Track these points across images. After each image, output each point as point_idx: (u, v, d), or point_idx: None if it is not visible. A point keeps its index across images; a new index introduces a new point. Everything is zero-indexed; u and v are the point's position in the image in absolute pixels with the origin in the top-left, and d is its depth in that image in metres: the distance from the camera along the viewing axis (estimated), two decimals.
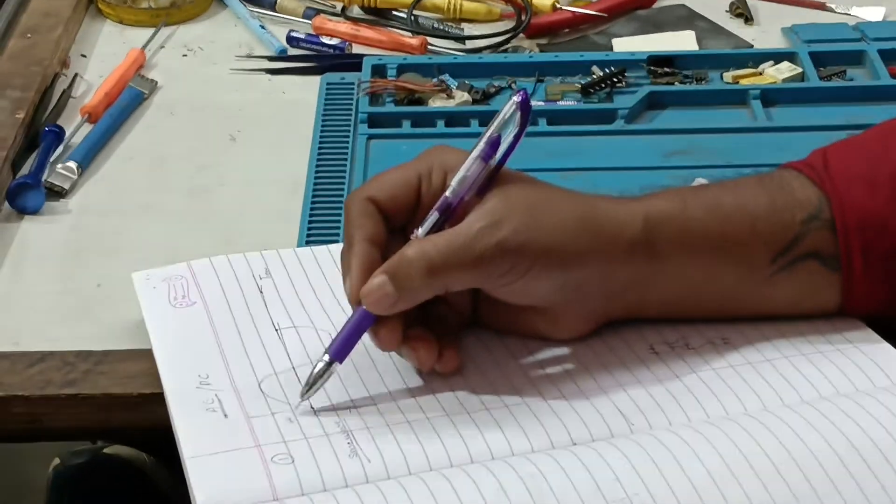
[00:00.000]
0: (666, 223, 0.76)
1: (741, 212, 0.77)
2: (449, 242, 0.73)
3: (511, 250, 0.73)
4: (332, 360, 0.74)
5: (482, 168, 0.75)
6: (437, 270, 0.73)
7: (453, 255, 0.73)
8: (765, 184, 0.79)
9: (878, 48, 1.14)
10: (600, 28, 1.23)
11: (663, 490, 0.66)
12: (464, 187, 0.75)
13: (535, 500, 0.65)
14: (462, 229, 0.74)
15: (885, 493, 0.66)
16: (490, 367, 0.77)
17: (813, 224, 0.77)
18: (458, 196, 0.75)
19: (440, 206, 0.75)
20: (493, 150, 0.75)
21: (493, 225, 0.73)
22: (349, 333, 0.75)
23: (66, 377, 0.83)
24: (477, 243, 0.73)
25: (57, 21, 1.22)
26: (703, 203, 0.78)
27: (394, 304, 0.73)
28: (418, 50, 1.21)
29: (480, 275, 0.74)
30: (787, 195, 0.78)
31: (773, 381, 0.75)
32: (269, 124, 1.12)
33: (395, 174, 0.78)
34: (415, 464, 0.70)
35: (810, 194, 0.78)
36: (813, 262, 0.77)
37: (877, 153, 0.80)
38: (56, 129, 1.08)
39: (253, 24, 1.25)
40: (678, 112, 1.09)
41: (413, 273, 0.73)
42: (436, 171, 0.77)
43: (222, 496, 0.68)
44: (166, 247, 0.96)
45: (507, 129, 0.76)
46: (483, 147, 0.75)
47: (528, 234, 0.73)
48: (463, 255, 0.73)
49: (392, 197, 0.77)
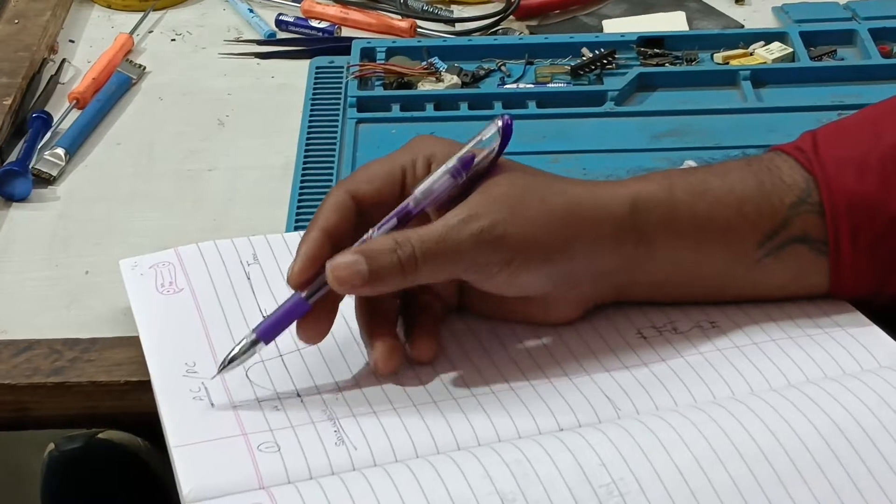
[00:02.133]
0: (653, 207, 0.76)
1: (729, 195, 0.77)
2: (428, 232, 0.73)
3: (487, 242, 0.73)
4: (258, 340, 0.74)
5: (449, 183, 0.75)
6: (413, 260, 0.72)
7: (431, 246, 0.72)
8: (753, 167, 0.79)
9: (868, 27, 1.14)
10: (590, 9, 1.23)
11: (649, 475, 0.66)
12: (427, 199, 0.75)
13: (521, 486, 0.65)
14: (439, 223, 0.73)
15: (871, 475, 0.66)
16: (477, 353, 0.77)
17: (801, 208, 0.77)
18: (420, 206, 0.75)
19: (399, 212, 0.75)
20: (464, 168, 0.75)
21: (469, 218, 0.73)
22: (280, 317, 0.74)
23: (53, 365, 0.83)
24: (452, 235, 0.72)
25: (45, 6, 1.22)
26: (691, 186, 0.77)
27: (361, 286, 0.73)
28: (407, 33, 1.20)
29: (458, 266, 0.73)
30: (776, 178, 0.78)
31: (761, 365, 0.75)
32: (258, 109, 1.11)
33: (380, 166, 0.77)
34: (401, 451, 0.70)
35: (798, 178, 0.78)
36: (801, 247, 0.77)
37: (867, 136, 0.79)
38: (44, 115, 1.08)
39: (241, 8, 1.25)
40: (668, 93, 1.09)
41: (388, 261, 0.72)
42: (420, 162, 0.77)
43: (209, 485, 0.68)
44: (155, 233, 0.96)
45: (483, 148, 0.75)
46: (455, 164, 0.75)
47: (506, 227, 0.73)
48: (441, 246, 0.72)
49: (376, 191, 0.76)
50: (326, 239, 0.74)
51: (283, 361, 0.77)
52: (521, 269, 0.74)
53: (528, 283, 0.75)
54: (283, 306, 0.74)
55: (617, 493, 0.65)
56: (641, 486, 0.65)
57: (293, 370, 0.76)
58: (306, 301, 0.74)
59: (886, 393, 0.70)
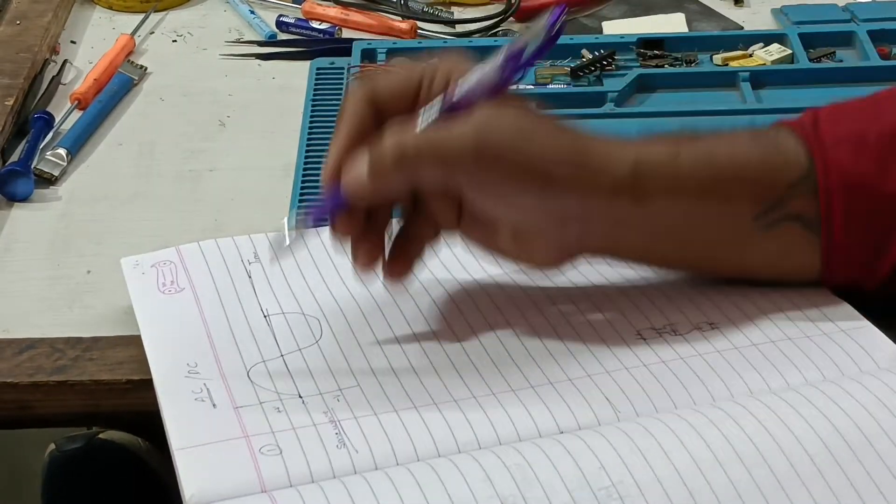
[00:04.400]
0: (655, 170, 0.76)
1: (732, 165, 0.78)
2: (427, 134, 0.74)
3: (488, 156, 0.73)
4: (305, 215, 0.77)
5: (495, 76, 0.75)
6: (408, 159, 0.74)
7: (428, 147, 0.74)
8: (759, 140, 0.79)
9: (867, 29, 1.14)
10: (590, 11, 1.23)
11: (648, 477, 0.66)
12: (473, 91, 0.75)
13: (521, 490, 0.65)
14: (444, 126, 0.74)
15: (870, 477, 0.66)
16: (477, 355, 0.77)
17: (801, 188, 0.77)
18: (464, 97, 0.75)
19: (445, 105, 0.75)
20: (513, 59, 0.75)
21: (476, 129, 0.73)
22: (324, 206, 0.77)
23: (55, 364, 0.83)
24: (454, 140, 0.73)
25: (46, 7, 1.22)
26: (697, 152, 0.78)
27: (367, 189, 0.74)
28: (408, 34, 1.20)
29: (454, 171, 0.74)
30: (780, 156, 0.78)
31: (760, 367, 0.75)
32: (259, 109, 1.11)
33: (401, 72, 0.79)
34: (402, 454, 0.70)
35: (802, 157, 0.78)
36: (796, 225, 0.77)
37: (867, 116, 0.80)
38: (45, 115, 1.08)
39: (242, 10, 1.25)
40: (668, 95, 1.09)
41: (385, 159, 0.74)
42: (440, 72, 0.77)
43: (211, 488, 0.68)
44: (156, 233, 0.96)
45: (530, 46, 0.75)
46: (503, 56, 0.75)
47: (510, 145, 0.74)
48: (438, 149, 0.73)
49: (394, 95, 0.77)
50: (351, 141, 0.76)
51: (284, 362, 0.77)
52: (514, 191, 0.75)
53: (517, 206, 0.75)
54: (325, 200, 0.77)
55: (616, 495, 0.65)
56: (641, 489, 0.65)
57: (295, 371, 0.76)
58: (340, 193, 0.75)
59: (885, 396, 0.70)
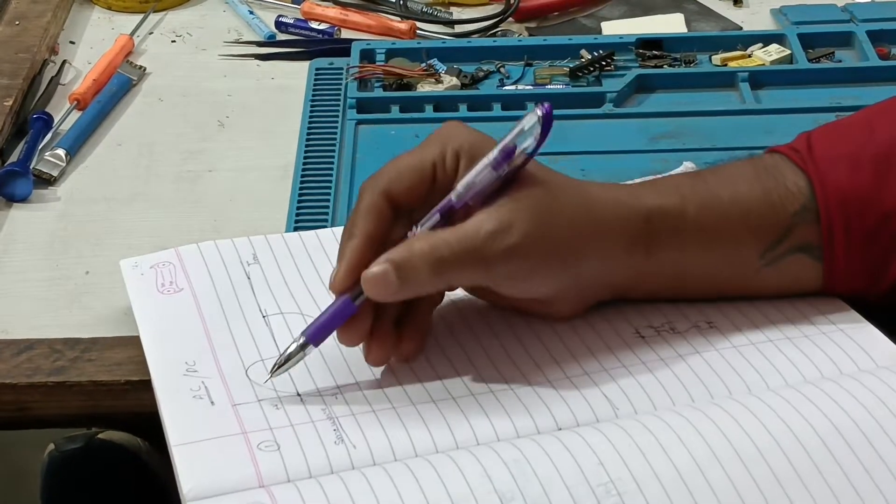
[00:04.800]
0: (664, 222, 0.77)
1: (736, 207, 0.78)
2: (458, 242, 0.73)
3: (519, 255, 0.73)
4: (306, 343, 0.75)
5: (491, 176, 0.74)
6: (444, 268, 0.73)
7: (462, 255, 0.73)
8: (759, 174, 0.79)
9: (866, 29, 1.14)
10: (589, 11, 1.23)
11: (647, 474, 0.66)
12: (469, 192, 0.75)
13: (520, 485, 0.66)
14: (471, 230, 0.73)
15: (868, 475, 0.66)
16: (476, 353, 0.78)
17: (804, 215, 0.77)
18: (463, 200, 0.75)
19: (443, 208, 0.75)
20: (505, 159, 0.74)
21: (502, 231, 0.73)
22: (328, 320, 0.75)
23: (53, 365, 0.83)
24: (487, 247, 0.73)
25: (45, 8, 1.22)
26: (701, 199, 0.78)
27: (394, 294, 0.73)
28: (407, 34, 1.20)
29: (487, 276, 0.74)
30: (781, 187, 0.78)
31: (759, 365, 0.75)
32: (258, 110, 1.12)
33: (410, 162, 0.77)
34: (400, 450, 0.70)
35: (802, 183, 0.78)
36: (801, 256, 0.78)
37: (861, 134, 0.80)
38: (44, 116, 1.08)
39: (241, 10, 1.25)
40: (667, 95, 1.09)
41: (420, 266, 0.73)
42: (450, 156, 0.76)
43: (209, 483, 0.68)
44: (155, 234, 0.96)
45: (524, 140, 0.74)
46: (496, 155, 0.74)
47: (537, 239, 0.73)
48: (471, 256, 0.73)
49: (407, 189, 0.76)
50: (368, 244, 0.75)
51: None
52: (541, 279, 0.75)
53: (543, 287, 0.76)
54: (329, 309, 0.75)
55: (615, 492, 0.65)
56: (639, 486, 0.66)
57: (293, 369, 0.76)
58: (353, 303, 0.74)
59: (883, 393, 0.70)
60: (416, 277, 0.73)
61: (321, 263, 0.86)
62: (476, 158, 0.75)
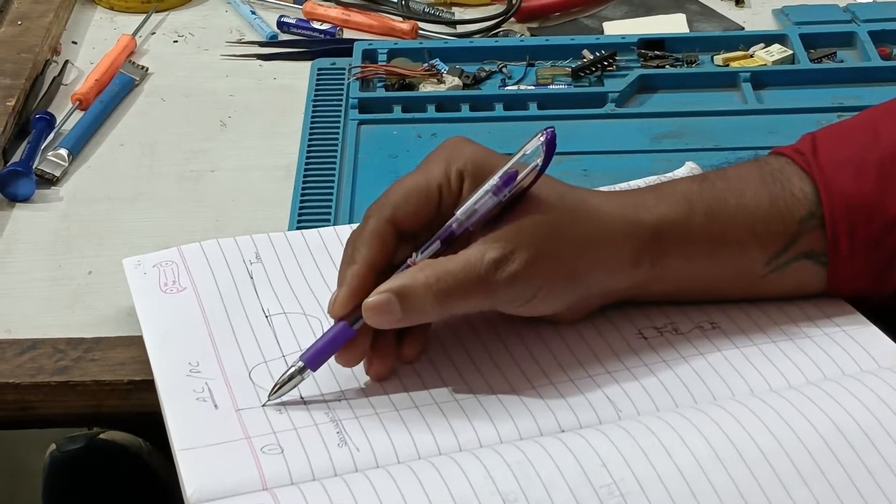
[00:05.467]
0: (671, 233, 0.77)
1: (742, 214, 0.78)
2: (462, 271, 0.73)
3: (521, 281, 0.73)
4: (305, 367, 0.74)
5: (492, 202, 0.74)
6: (449, 298, 0.73)
7: (465, 284, 0.72)
8: (766, 179, 0.79)
9: (868, 29, 1.14)
10: (591, 11, 1.23)
11: (650, 475, 0.66)
12: (470, 220, 0.74)
13: (523, 487, 0.66)
14: (473, 259, 0.73)
15: (871, 476, 0.66)
16: (479, 356, 0.78)
17: (810, 223, 0.77)
18: (463, 227, 0.75)
19: (443, 236, 0.75)
20: (506, 184, 0.73)
21: (504, 259, 0.73)
22: (326, 345, 0.74)
23: (56, 364, 0.83)
24: (488, 276, 0.72)
25: (48, 8, 1.22)
26: (708, 207, 0.78)
27: (396, 322, 0.73)
28: (409, 35, 1.20)
29: (489, 304, 0.74)
30: (788, 194, 0.78)
31: (761, 366, 0.75)
32: (260, 110, 1.12)
33: (414, 184, 0.76)
34: (403, 452, 0.70)
35: (808, 189, 0.78)
36: (806, 262, 0.78)
37: (865, 138, 0.80)
38: (47, 116, 1.08)
39: (244, 10, 1.25)
40: (669, 95, 1.09)
41: (424, 297, 0.72)
42: (454, 176, 0.75)
43: (212, 486, 0.68)
44: (158, 233, 0.96)
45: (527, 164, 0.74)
46: (496, 182, 0.74)
47: (539, 263, 0.73)
48: (474, 286, 0.73)
49: (412, 213, 0.75)
50: (369, 271, 0.74)
51: (286, 363, 0.77)
52: (543, 301, 0.75)
53: (547, 306, 0.76)
54: (328, 333, 0.75)
55: (618, 493, 0.65)
56: (642, 487, 0.66)
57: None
58: (351, 328, 0.74)
59: (886, 394, 0.70)
60: (420, 308, 0.73)
61: (324, 262, 0.86)
62: (480, 178, 0.74)
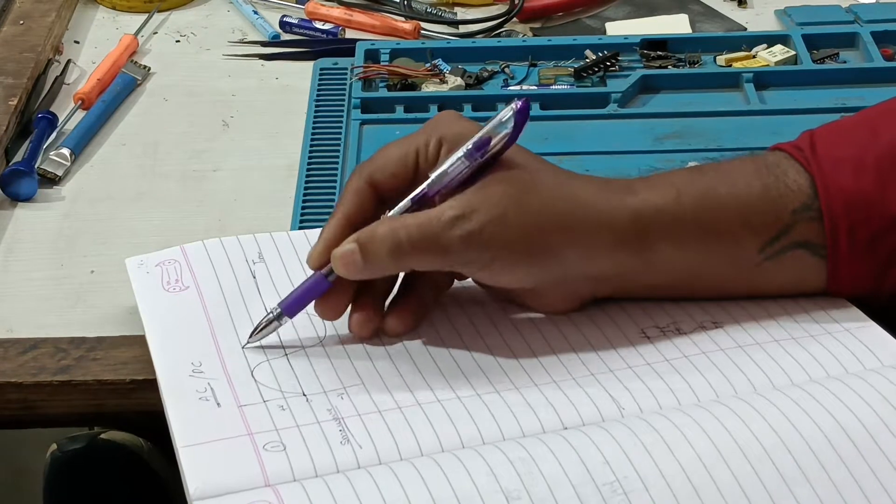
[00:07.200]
0: (657, 218, 0.77)
1: (734, 201, 0.78)
2: (418, 226, 0.75)
3: (475, 242, 0.75)
4: (282, 314, 0.78)
5: (464, 166, 0.76)
6: (402, 251, 0.75)
7: (420, 240, 0.75)
8: (759, 170, 0.79)
9: (871, 30, 1.14)
10: (594, 12, 1.23)
11: (653, 473, 0.66)
12: (442, 181, 0.77)
13: (526, 484, 0.66)
14: (433, 215, 0.75)
15: (874, 474, 0.66)
16: (482, 353, 0.78)
17: (805, 214, 0.77)
18: (435, 189, 0.77)
19: (415, 196, 0.77)
20: (477, 150, 0.76)
21: (463, 217, 0.75)
22: (302, 293, 0.78)
23: (59, 364, 0.83)
24: (444, 233, 0.75)
25: (50, 7, 1.22)
26: (697, 193, 0.78)
27: (359, 272, 0.76)
28: (411, 35, 1.20)
29: (444, 262, 0.76)
30: (781, 184, 0.78)
31: (764, 364, 0.75)
32: (263, 110, 1.12)
33: (394, 150, 0.79)
34: (406, 450, 0.70)
35: (804, 183, 0.78)
36: (802, 252, 0.78)
37: (864, 135, 0.80)
38: (49, 115, 1.08)
39: (246, 10, 1.25)
40: (671, 96, 1.09)
41: (379, 249, 0.75)
42: (433, 144, 0.78)
43: (215, 483, 0.68)
44: (160, 233, 0.96)
45: (499, 132, 0.76)
46: (469, 147, 0.76)
47: (496, 228, 0.75)
48: (429, 241, 0.75)
49: (390, 175, 0.78)
50: (346, 223, 0.78)
51: (288, 361, 0.77)
52: (503, 269, 0.76)
53: (511, 280, 0.77)
54: (304, 283, 0.78)
55: (621, 491, 0.65)
56: (645, 484, 0.66)
57: (298, 370, 0.76)
58: (326, 279, 0.77)
59: (889, 392, 0.70)
60: (376, 257, 0.76)
61: None
62: (457, 146, 0.77)
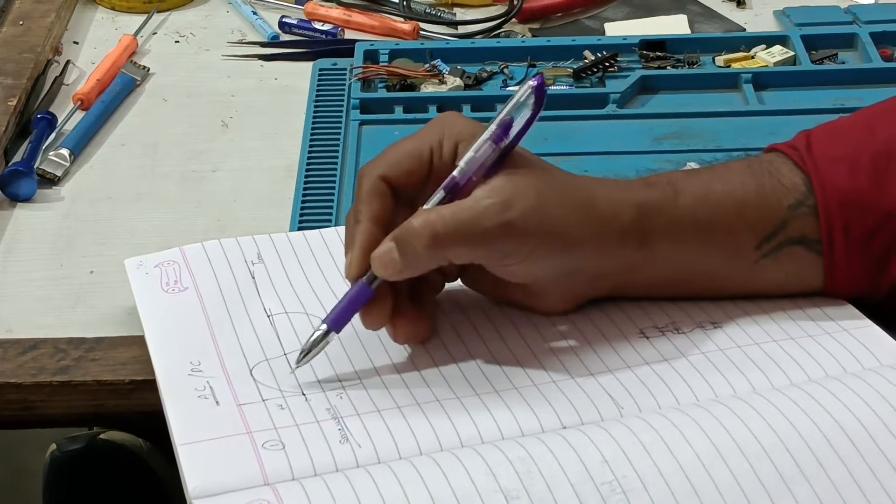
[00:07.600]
0: (656, 214, 0.77)
1: (730, 198, 0.78)
2: (455, 215, 0.74)
3: (518, 232, 0.74)
4: (329, 330, 0.75)
5: (492, 150, 0.76)
6: (441, 242, 0.73)
7: (459, 228, 0.74)
8: (754, 169, 0.79)
9: (869, 31, 1.14)
10: (592, 12, 1.23)
11: (651, 472, 0.66)
12: (472, 168, 0.76)
13: (525, 483, 0.66)
14: (469, 204, 0.74)
15: (872, 473, 0.66)
16: (481, 353, 0.78)
17: (800, 210, 0.78)
18: (466, 176, 0.76)
19: (447, 185, 0.76)
20: (504, 132, 0.76)
21: (502, 204, 0.74)
22: (347, 305, 0.76)
23: (58, 364, 0.83)
24: (484, 220, 0.73)
25: (49, 8, 1.22)
26: (694, 191, 0.78)
27: (400, 271, 0.74)
28: (410, 35, 1.21)
29: (484, 252, 0.75)
30: (776, 181, 0.78)
31: (763, 364, 0.75)
32: (262, 110, 1.12)
33: (407, 147, 0.78)
34: (405, 448, 0.70)
35: (798, 180, 0.78)
36: (798, 248, 0.78)
37: (860, 135, 0.80)
38: (48, 116, 1.08)
39: (245, 10, 1.25)
40: (670, 96, 1.10)
41: (417, 243, 0.73)
42: (447, 142, 0.77)
43: (214, 482, 0.68)
44: (159, 233, 0.96)
45: (520, 113, 0.76)
46: (495, 129, 0.76)
47: (536, 217, 0.74)
48: (469, 229, 0.74)
49: (405, 173, 0.77)
50: (376, 226, 0.76)
51: (287, 360, 0.77)
52: (539, 259, 0.75)
53: (538, 271, 0.76)
54: (348, 295, 0.76)
55: (619, 490, 0.65)
56: (644, 484, 0.66)
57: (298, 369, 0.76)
58: (369, 287, 0.75)
59: (887, 391, 0.70)
60: (414, 252, 0.74)
61: (325, 263, 0.86)
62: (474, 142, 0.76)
